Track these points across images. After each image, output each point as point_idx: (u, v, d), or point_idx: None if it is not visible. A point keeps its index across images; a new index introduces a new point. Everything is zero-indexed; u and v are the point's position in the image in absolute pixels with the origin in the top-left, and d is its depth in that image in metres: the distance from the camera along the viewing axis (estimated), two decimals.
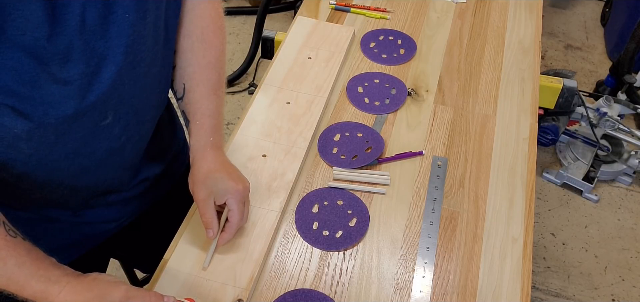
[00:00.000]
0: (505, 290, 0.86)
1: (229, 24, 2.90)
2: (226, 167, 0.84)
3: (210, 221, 0.81)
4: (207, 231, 0.81)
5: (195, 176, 0.83)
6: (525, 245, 0.92)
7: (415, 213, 0.96)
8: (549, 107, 1.74)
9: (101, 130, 0.74)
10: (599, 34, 2.89)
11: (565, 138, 2.23)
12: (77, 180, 0.79)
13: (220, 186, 0.82)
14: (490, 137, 1.09)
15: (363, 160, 1.02)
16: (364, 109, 1.13)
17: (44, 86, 0.62)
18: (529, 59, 1.26)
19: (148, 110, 0.83)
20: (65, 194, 0.81)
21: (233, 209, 0.82)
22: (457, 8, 1.41)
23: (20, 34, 0.58)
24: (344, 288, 0.85)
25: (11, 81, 0.60)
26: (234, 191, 0.82)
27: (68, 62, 0.63)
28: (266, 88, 1.15)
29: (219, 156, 0.85)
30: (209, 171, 0.82)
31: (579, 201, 2.13)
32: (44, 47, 0.60)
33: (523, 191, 0.99)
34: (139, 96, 0.77)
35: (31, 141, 0.67)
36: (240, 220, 0.83)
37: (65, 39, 0.62)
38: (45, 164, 0.71)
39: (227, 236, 0.83)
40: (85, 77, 0.66)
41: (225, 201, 0.82)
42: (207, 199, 0.81)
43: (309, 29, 1.29)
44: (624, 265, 1.94)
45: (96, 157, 0.77)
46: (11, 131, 0.64)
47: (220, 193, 0.82)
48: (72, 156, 0.74)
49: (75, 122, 0.69)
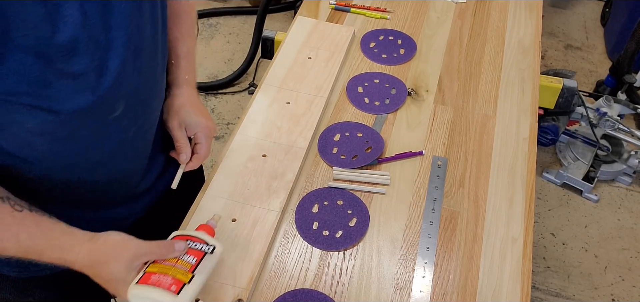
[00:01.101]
0: (505, 290, 0.86)
1: (229, 24, 2.90)
2: (198, 105, 0.94)
3: (184, 145, 0.90)
4: (180, 155, 0.90)
5: (170, 107, 0.91)
6: (525, 245, 0.92)
7: (415, 213, 0.96)
8: (549, 107, 1.74)
9: (112, 122, 0.75)
10: (599, 34, 2.89)
11: (565, 138, 2.23)
12: (93, 174, 0.81)
13: (192, 118, 0.91)
14: (490, 137, 1.09)
15: (363, 160, 1.02)
16: (364, 109, 1.13)
17: (54, 83, 0.63)
18: (529, 59, 1.26)
19: (154, 99, 0.86)
20: (83, 191, 0.82)
21: (202, 142, 0.92)
22: (457, 8, 1.41)
23: (23, 37, 0.58)
24: (344, 288, 0.85)
25: (20, 83, 0.60)
26: (204, 126, 0.92)
27: (74, 57, 0.64)
28: (266, 88, 1.15)
29: (192, 93, 0.94)
30: (182, 104, 0.91)
31: (579, 201, 2.13)
32: (48, 45, 0.61)
33: (523, 191, 0.99)
34: (144, 85, 0.79)
35: (44, 136, 0.68)
36: (208, 153, 0.93)
37: (69, 35, 0.62)
38: (60, 160, 0.73)
39: (193, 165, 0.92)
40: (93, 71, 0.67)
41: (194, 133, 0.92)
42: (180, 127, 0.91)
43: (309, 29, 1.29)
44: (624, 265, 1.94)
45: (109, 150, 0.79)
46: (24, 127, 0.65)
47: (191, 125, 0.91)
48: (86, 150, 0.75)
49: (87, 116, 0.70)
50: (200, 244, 0.75)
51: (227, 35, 2.83)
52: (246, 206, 0.94)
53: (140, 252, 0.71)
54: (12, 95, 0.61)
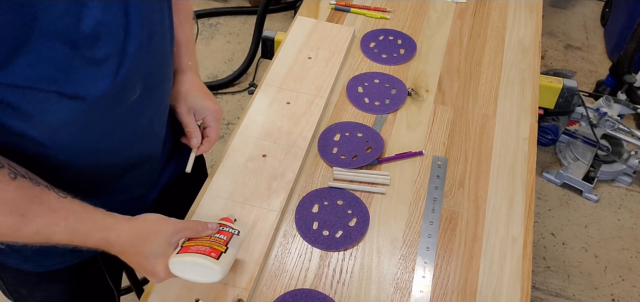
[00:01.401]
0: (505, 290, 0.86)
1: (229, 24, 2.90)
2: (204, 89, 0.96)
3: (194, 130, 0.92)
4: (191, 140, 0.92)
5: (178, 93, 0.93)
6: (525, 245, 0.92)
7: (415, 213, 0.96)
8: (549, 107, 1.74)
9: (131, 106, 0.77)
10: (599, 34, 2.89)
11: (565, 138, 2.23)
12: (114, 159, 0.82)
13: (200, 103, 0.93)
14: (490, 137, 1.09)
15: (363, 160, 1.02)
16: (364, 109, 1.13)
17: (79, 70, 0.65)
18: (529, 59, 1.26)
19: (166, 82, 0.87)
20: (104, 178, 0.84)
21: (211, 125, 0.94)
22: (457, 8, 1.41)
23: (50, 24, 0.60)
24: (344, 288, 0.85)
25: (50, 69, 0.62)
26: (212, 109, 0.94)
27: (98, 42, 0.65)
28: (266, 88, 1.15)
29: (196, 79, 0.96)
30: (189, 90, 0.93)
31: (579, 201, 2.13)
32: (75, 31, 0.62)
33: (523, 191, 0.99)
34: (157, 68, 0.81)
35: (73, 125, 0.70)
36: (218, 135, 0.95)
37: (93, 20, 0.64)
38: (84, 147, 0.75)
39: (204, 148, 0.94)
40: (115, 55, 0.69)
41: (203, 117, 0.94)
42: (189, 113, 0.93)
43: (309, 29, 1.29)
44: (624, 265, 1.94)
45: (130, 134, 0.81)
46: (55, 116, 0.67)
47: (199, 110, 0.93)
48: (109, 136, 0.77)
49: (110, 101, 0.72)
50: (227, 227, 0.81)
51: (227, 35, 2.83)
52: (246, 206, 0.94)
53: (178, 228, 0.76)
54: (42, 82, 0.62)
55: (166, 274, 0.75)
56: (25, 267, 0.90)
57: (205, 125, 0.94)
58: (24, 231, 0.66)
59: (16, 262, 0.89)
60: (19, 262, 0.89)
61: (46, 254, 0.89)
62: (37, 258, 0.88)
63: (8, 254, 0.88)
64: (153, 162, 0.93)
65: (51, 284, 0.95)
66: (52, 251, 0.88)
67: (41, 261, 0.89)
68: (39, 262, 0.89)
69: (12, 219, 0.65)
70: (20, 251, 0.85)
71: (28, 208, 0.66)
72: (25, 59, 0.59)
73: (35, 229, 0.67)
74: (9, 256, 0.88)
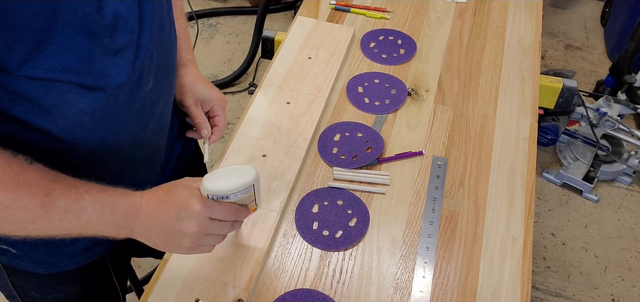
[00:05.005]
0: (505, 290, 0.86)
1: (229, 24, 2.90)
2: (206, 80, 0.98)
3: (203, 121, 0.94)
4: (202, 130, 0.94)
5: (183, 86, 0.94)
6: (525, 245, 0.92)
7: (415, 213, 0.96)
8: (549, 107, 1.74)
9: (145, 96, 0.77)
10: (599, 34, 2.89)
11: (565, 138, 2.24)
12: (132, 151, 0.82)
13: (205, 93, 0.95)
14: (490, 137, 1.09)
15: (363, 160, 1.02)
16: (364, 109, 1.13)
17: (99, 60, 0.65)
18: (529, 59, 1.26)
19: (173, 72, 0.88)
20: (121, 170, 0.83)
21: (219, 114, 0.96)
22: (457, 8, 1.41)
23: (72, 13, 0.60)
24: (344, 288, 0.85)
25: (71, 60, 0.62)
26: (218, 98, 0.96)
27: (116, 32, 0.66)
28: (266, 88, 1.15)
29: (197, 71, 0.98)
30: (193, 82, 0.94)
31: (579, 201, 2.13)
32: (95, 21, 0.63)
33: (523, 191, 0.99)
34: (166, 58, 0.82)
35: (95, 116, 0.70)
36: (225, 124, 0.97)
37: (112, 9, 0.64)
38: (105, 138, 0.75)
39: (215, 138, 0.96)
40: (131, 45, 0.69)
41: (210, 107, 0.95)
42: (196, 104, 0.94)
43: (309, 29, 1.29)
44: (624, 265, 1.94)
45: (145, 123, 0.81)
46: (77, 106, 0.67)
47: (206, 100, 0.95)
48: (127, 127, 0.78)
49: (127, 92, 0.72)
50: None
51: (227, 35, 2.83)
52: None
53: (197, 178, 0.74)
54: (63, 74, 0.63)
55: (202, 205, 0.70)
56: (38, 270, 0.90)
57: (212, 114, 0.96)
58: (52, 211, 0.65)
59: (28, 265, 0.88)
60: (31, 265, 0.89)
61: (60, 254, 0.88)
62: (50, 259, 0.88)
63: (20, 257, 0.87)
64: (160, 155, 0.93)
65: (63, 286, 0.95)
66: (65, 251, 0.88)
67: (55, 261, 0.89)
68: (52, 264, 0.89)
69: (38, 199, 0.64)
70: (34, 245, 0.83)
71: (51, 186, 0.65)
72: (47, 51, 0.60)
73: (63, 207, 0.65)
74: (21, 258, 0.87)
